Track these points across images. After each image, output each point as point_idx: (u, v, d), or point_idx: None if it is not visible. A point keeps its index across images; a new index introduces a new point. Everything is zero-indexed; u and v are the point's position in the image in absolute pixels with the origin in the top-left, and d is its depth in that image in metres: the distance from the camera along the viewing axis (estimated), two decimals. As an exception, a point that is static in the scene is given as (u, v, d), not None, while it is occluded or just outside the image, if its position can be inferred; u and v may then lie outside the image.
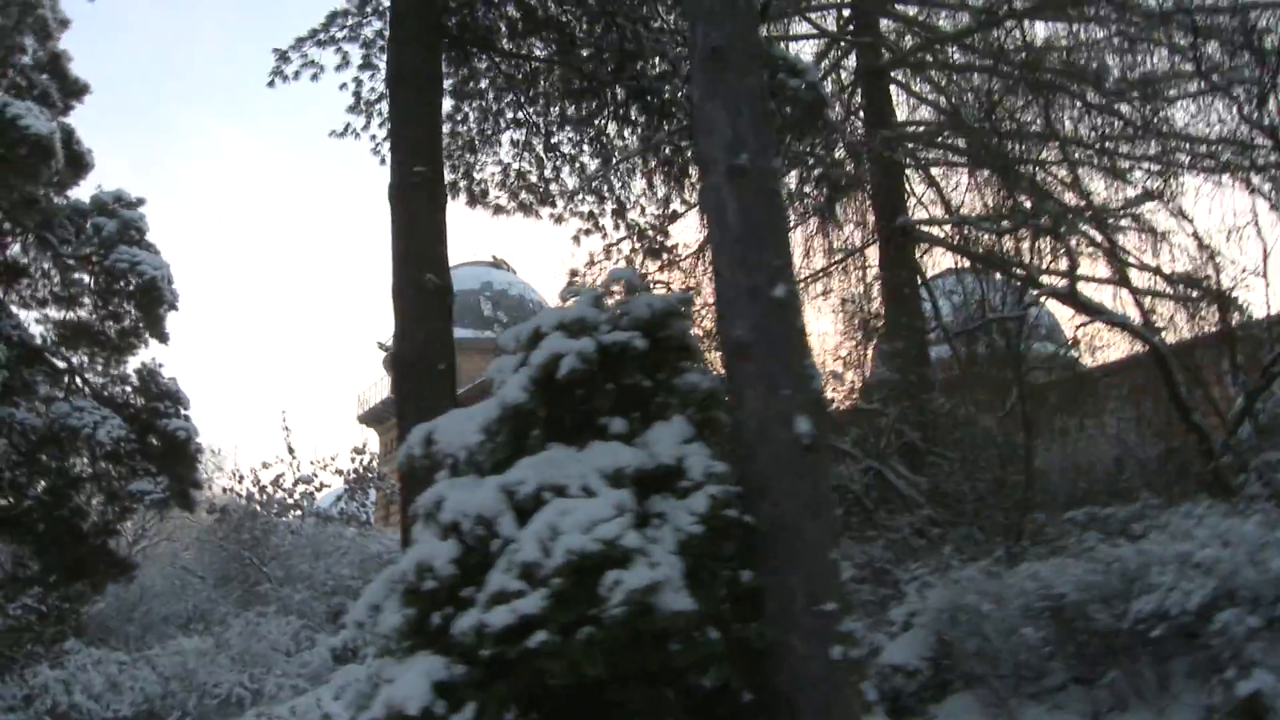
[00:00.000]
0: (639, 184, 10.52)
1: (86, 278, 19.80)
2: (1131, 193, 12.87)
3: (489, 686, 4.30)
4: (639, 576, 4.24)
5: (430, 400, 7.80)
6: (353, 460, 29.25)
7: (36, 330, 19.49)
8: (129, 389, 19.20)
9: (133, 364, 19.41)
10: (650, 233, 10.65)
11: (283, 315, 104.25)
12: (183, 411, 18.81)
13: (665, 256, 10.84)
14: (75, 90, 19.58)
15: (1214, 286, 11.65)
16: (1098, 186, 13.33)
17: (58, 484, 18.17)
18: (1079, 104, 13.01)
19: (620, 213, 10.63)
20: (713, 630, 4.44)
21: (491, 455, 4.84)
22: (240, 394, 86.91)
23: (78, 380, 19.33)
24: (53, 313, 20.03)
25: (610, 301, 5.58)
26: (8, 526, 18.84)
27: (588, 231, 10.94)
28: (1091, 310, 11.53)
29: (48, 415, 17.75)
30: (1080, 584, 6.95)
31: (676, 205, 10.77)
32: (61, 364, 19.30)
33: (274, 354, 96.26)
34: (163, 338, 19.34)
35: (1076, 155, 12.96)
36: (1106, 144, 12.90)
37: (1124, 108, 12.75)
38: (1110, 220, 12.45)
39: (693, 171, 10.01)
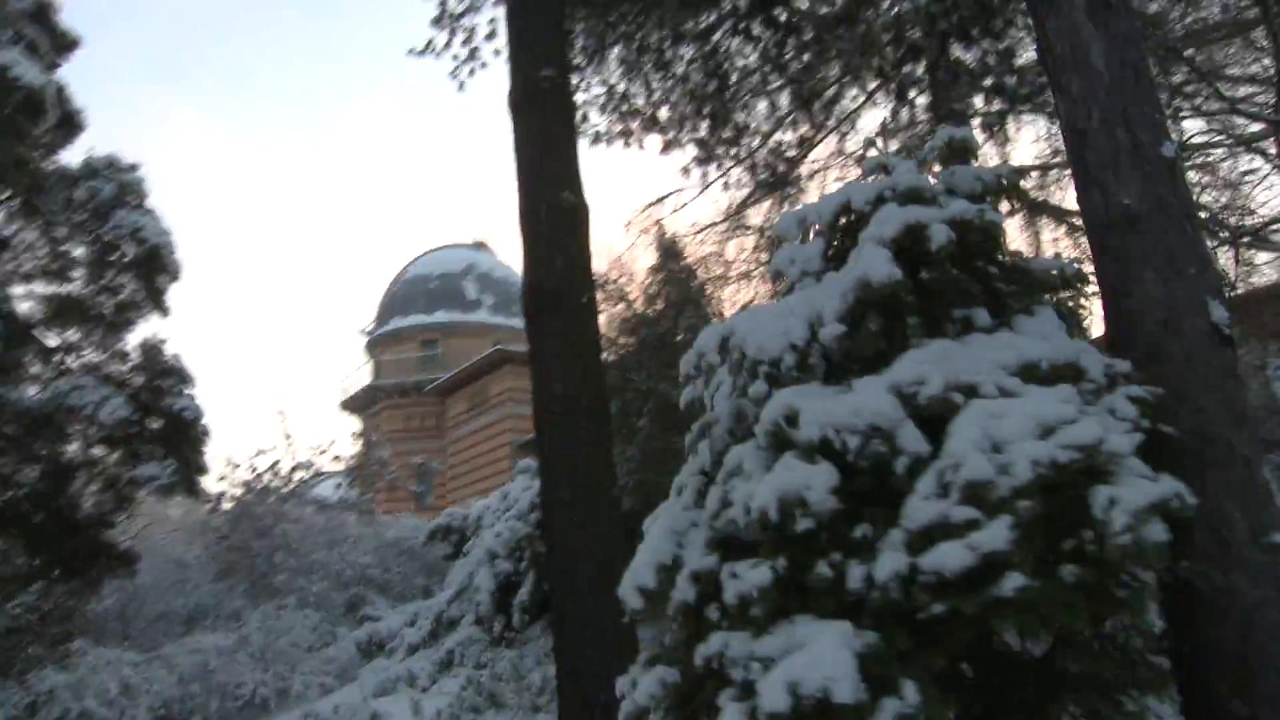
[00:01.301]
0: (761, 107, 9.36)
1: (79, 249, 18.30)
2: None
3: (916, 658, 3.06)
4: (1139, 492, 3.07)
5: (573, 336, 6.67)
6: (353, 446, 28.05)
7: (24, 307, 17.94)
8: (127, 367, 17.70)
9: (131, 340, 17.89)
10: (774, 161, 9.47)
11: (257, 299, 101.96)
12: (186, 390, 17.36)
13: (789, 189, 9.67)
14: (65, 43, 17.98)
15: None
16: None
17: (52, 470, 16.65)
18: None
19: (734, 139, 9.46)
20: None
21: (849, 353, 3.62)
22: (213, 379, 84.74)
23: (69, 358, 17.82)
24: (39, 288, 18.46)
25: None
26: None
27: (701, 160, 9.79)
28: None
29: (44, 394, 16.25)
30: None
31: (805, 130, 9.60)
32: (52, 341, 17.77)
33: (248, 339, 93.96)
34: (164, 311, 17.87)
35: None
36: None
37: None
38: None
39: (828, 92, 8.89)
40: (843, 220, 4.13)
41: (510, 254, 57.08)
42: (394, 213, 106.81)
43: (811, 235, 4.26)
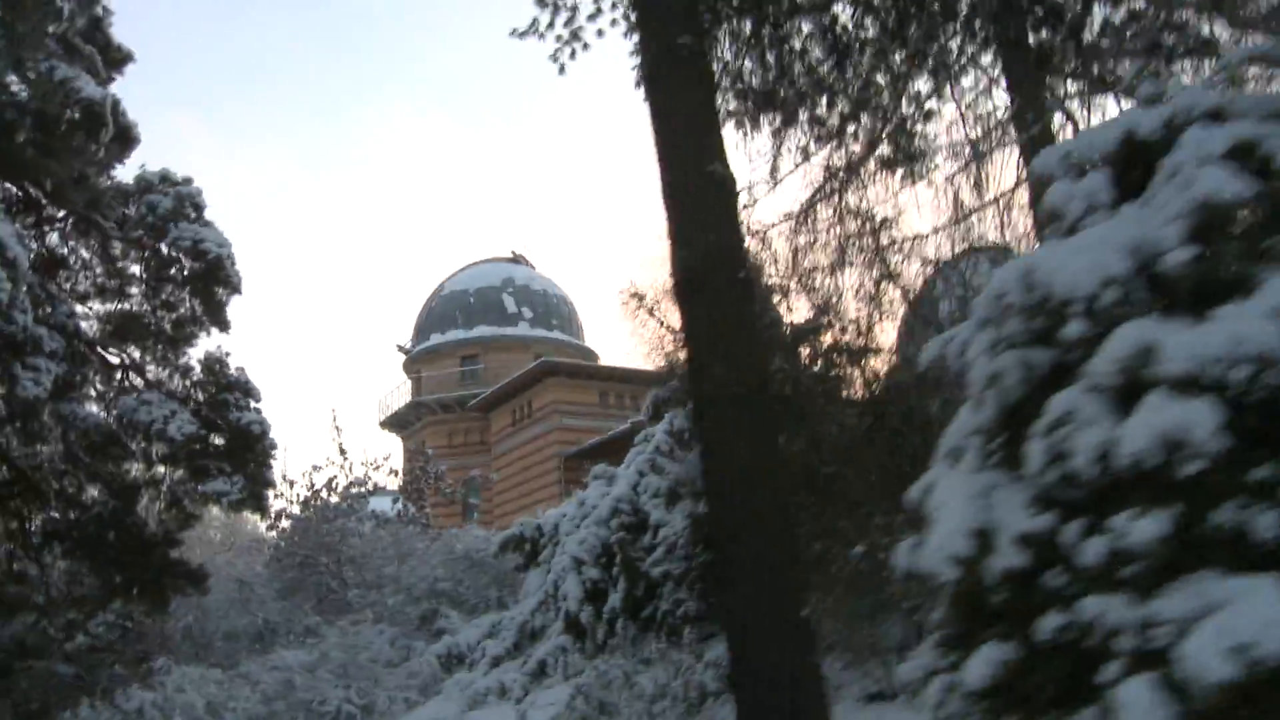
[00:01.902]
0: (881, 80, 8.90)
1: (135, 267, 18.04)
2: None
3: None
4: None
5: (731, 314, 6.22)
6: (407, 462, 27.74)
7: (84, 325, 17.68)
8: (190, 382, 17.39)
9: (193, 355, 17.60)
10: (901, 133, 9.00)
11: (296, 317, 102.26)
12: (253, 404, 17.03)
13: (914, 166, 9.21)
14: (118, 59, 17.77)
15: None
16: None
17: (120, 488, 16.37)
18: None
19: (854, 115, 9.01)
20: None
21: (1199, 280, 3.14)
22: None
23: (131, 375, 17.56)
24: (97, 306, 18.23)
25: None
26: (60, 539, 17.06)
27: (820, 139, 9.33)
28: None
29: (111, 411, 15.97)
30: None
31: (932, 104, 9.14)
32: (114, 359, 17.51)
33: (287, 357, 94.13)
34: (224, 325, 17.57)
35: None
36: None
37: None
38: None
39: (956, 65, 8.43)
40: (1125, 152, 3.68)
41: (547, 267, 57.21)
42: (426, 227, 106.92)
43: (1085, 171, 3.81)
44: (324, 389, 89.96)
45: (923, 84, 8.90)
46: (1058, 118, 9.01)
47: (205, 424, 16.34)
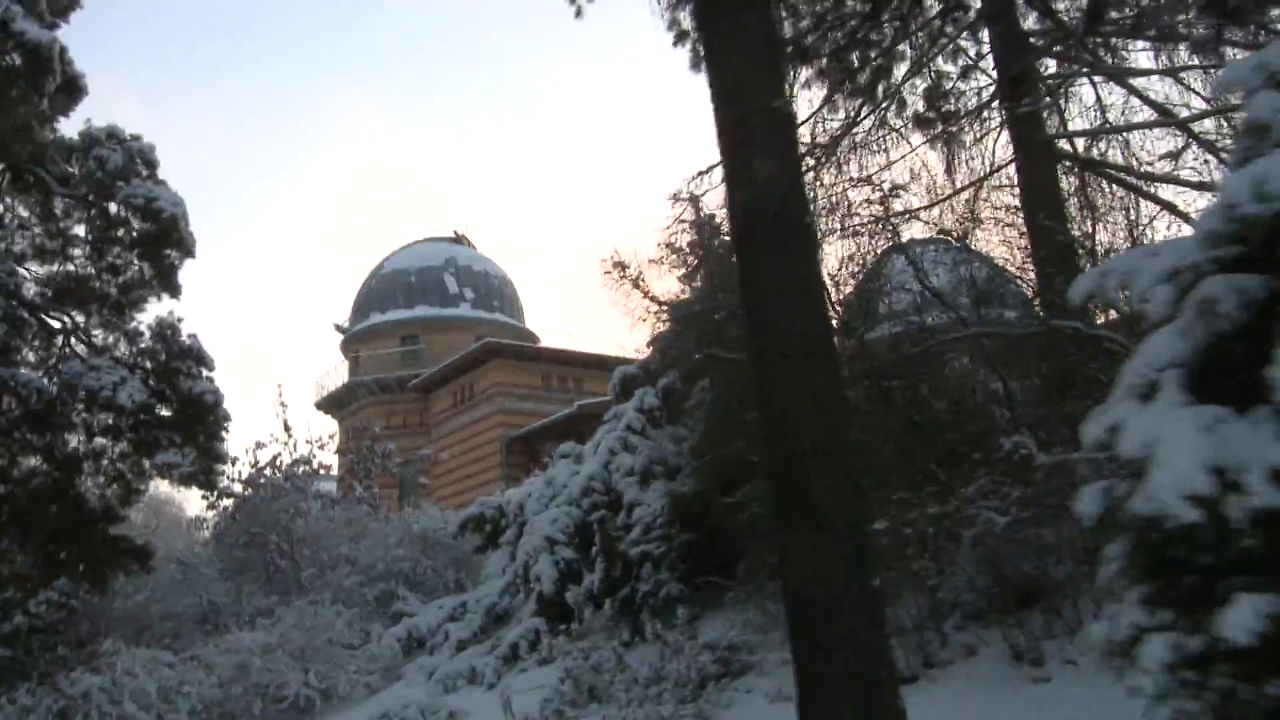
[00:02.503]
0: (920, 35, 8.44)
1: (79, 227, 16.98)
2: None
3: None
4: None
5: (798, 261, 5.72)
6: (347, 442, 26.87)
7: (22, 287, 16.61)
8: (138, 349, 16.41)
9: (142, 321, 16.64)
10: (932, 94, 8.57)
11: (227, 292, 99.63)
12: (205, 373, 16.15)
13: (950, 127, 8.77)
14: (64, 4, 16.68)
15: None
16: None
17: (62, 459, 15.39)
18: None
19: (888, 69, 8.53)
20: None
21: None
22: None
23: (73, 341, 16.54)
24: (36, 268, 17.16)
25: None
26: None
27: (852, 94, 8.82)
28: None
29: (52, 378, 15.00)
30: None
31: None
32: (55, 323, 16.47)
33: (217, 332, 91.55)
34: (175, 290, 16.62)
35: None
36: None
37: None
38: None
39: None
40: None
41: (488, 247, 56.02)
42: (363, 205, 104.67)
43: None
44: (255, 368, 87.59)
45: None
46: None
47: (155, 393, 15.45)
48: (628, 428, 15.68)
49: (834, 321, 11.41)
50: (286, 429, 23.85)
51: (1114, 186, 14.35)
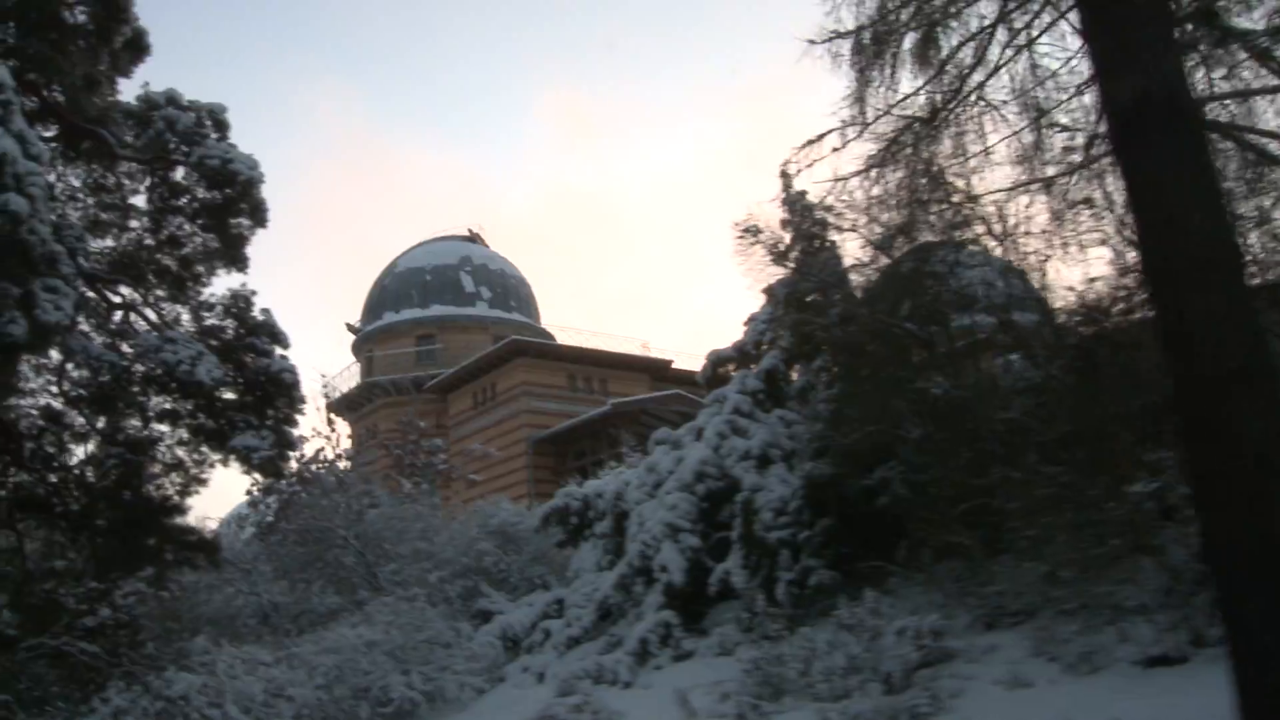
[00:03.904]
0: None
1: (140, 198, 15.71)
2: None
3: None
4: None
5: (1202, 165, 4.69)
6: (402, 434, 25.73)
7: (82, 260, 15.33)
8: (200, 325, 15.14)
9: (208, 294, 15.43)
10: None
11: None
12: (278, 351, 14.94)
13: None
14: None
15: None
16: None
17: (130, 442, 14.13)
18: None
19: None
20: None
21: None
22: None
23: (132, 315, 15.29)
24: (93, 241, 15.87)
25: None
26: (38, 506, 14.70)
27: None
28: None
29: (126, 350, 13.76)
30: None
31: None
32: (115, 296, 15.23)
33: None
34: (241, 264, 15.42)
35: None
36: None
37: None
38: None
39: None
40: None
41: (502, 245, 54.47)
42: (369, 204, 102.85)
43: None
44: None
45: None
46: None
47: (233, 369, 14.22)
48: (735, 410, 14.69)
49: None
50: (330, 423, 22.68)
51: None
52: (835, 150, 12.12)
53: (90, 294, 14.86)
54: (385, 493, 19.56)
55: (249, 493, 20.41)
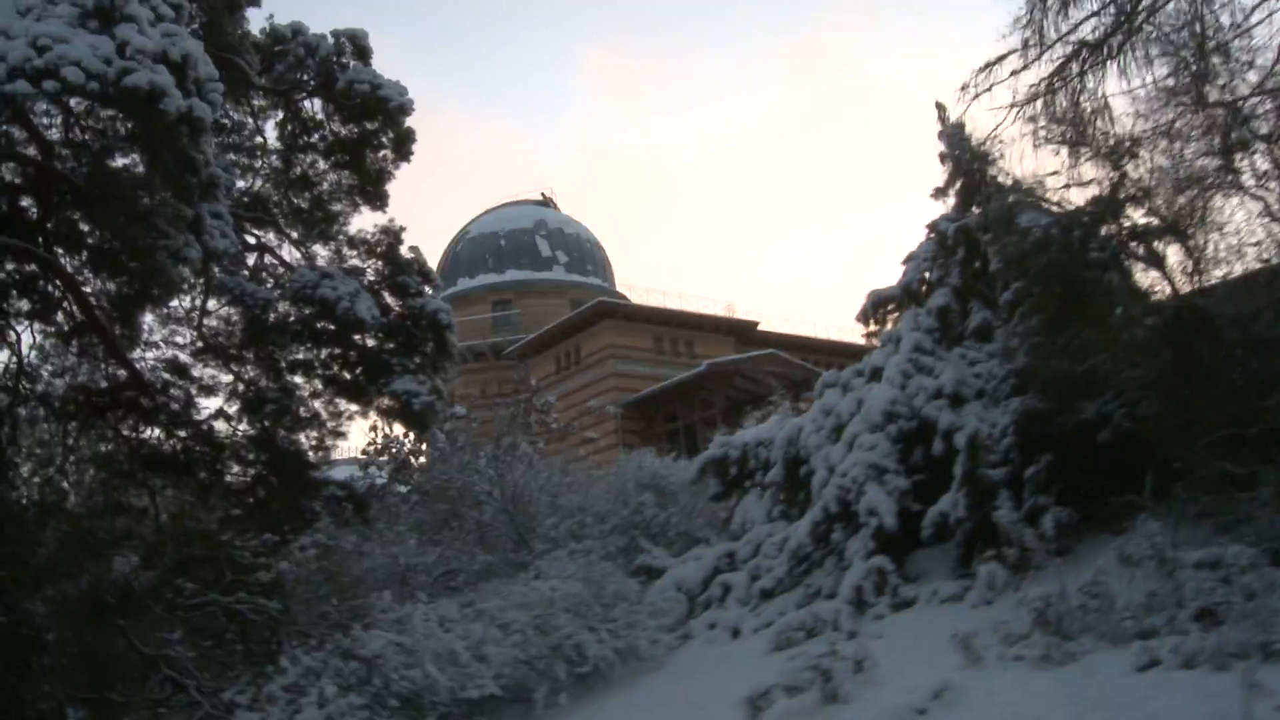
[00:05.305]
0: None
1: (270, 135, 14.76)
2: None
3: None
4: None
5: None
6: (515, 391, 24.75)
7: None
8: (341, 264, 14.19)
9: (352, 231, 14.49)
10: None
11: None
12: (428, 290, 13.98)
13: None
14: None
15: None
16: None
17: (284, 387, 13.25)
18: None
19: None
20: None
21: None
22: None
23: (267, 256, 14.41)
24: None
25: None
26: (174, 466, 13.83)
27: None
28: None
29: (283, 285, 12.86)
30: None
31: None
32: (249, 237, 14.33)
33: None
34: (381, 201, 14.49)
35: None
36: None
37: None
38: None
39: None
40: None
41: (576, 209, 53.06)
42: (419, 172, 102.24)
43: None
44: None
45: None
46: None
47: (384, 309, 13.29)
48: (916, 349, 13.62)
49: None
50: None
51: None
52: (1014, 73, 11.04)
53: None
54: (527, 444, 18.56)
55: (364, 453, 19.52)
